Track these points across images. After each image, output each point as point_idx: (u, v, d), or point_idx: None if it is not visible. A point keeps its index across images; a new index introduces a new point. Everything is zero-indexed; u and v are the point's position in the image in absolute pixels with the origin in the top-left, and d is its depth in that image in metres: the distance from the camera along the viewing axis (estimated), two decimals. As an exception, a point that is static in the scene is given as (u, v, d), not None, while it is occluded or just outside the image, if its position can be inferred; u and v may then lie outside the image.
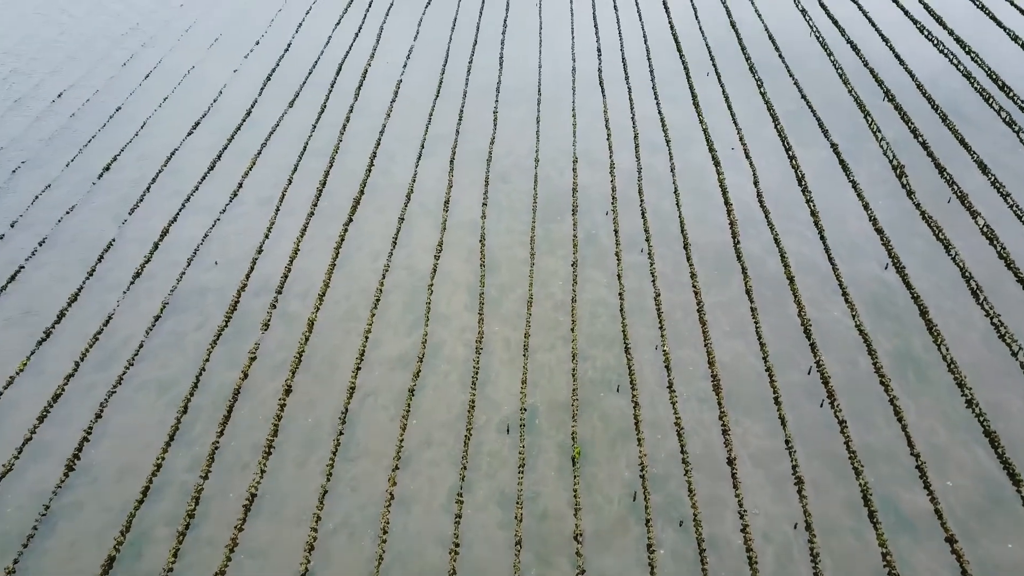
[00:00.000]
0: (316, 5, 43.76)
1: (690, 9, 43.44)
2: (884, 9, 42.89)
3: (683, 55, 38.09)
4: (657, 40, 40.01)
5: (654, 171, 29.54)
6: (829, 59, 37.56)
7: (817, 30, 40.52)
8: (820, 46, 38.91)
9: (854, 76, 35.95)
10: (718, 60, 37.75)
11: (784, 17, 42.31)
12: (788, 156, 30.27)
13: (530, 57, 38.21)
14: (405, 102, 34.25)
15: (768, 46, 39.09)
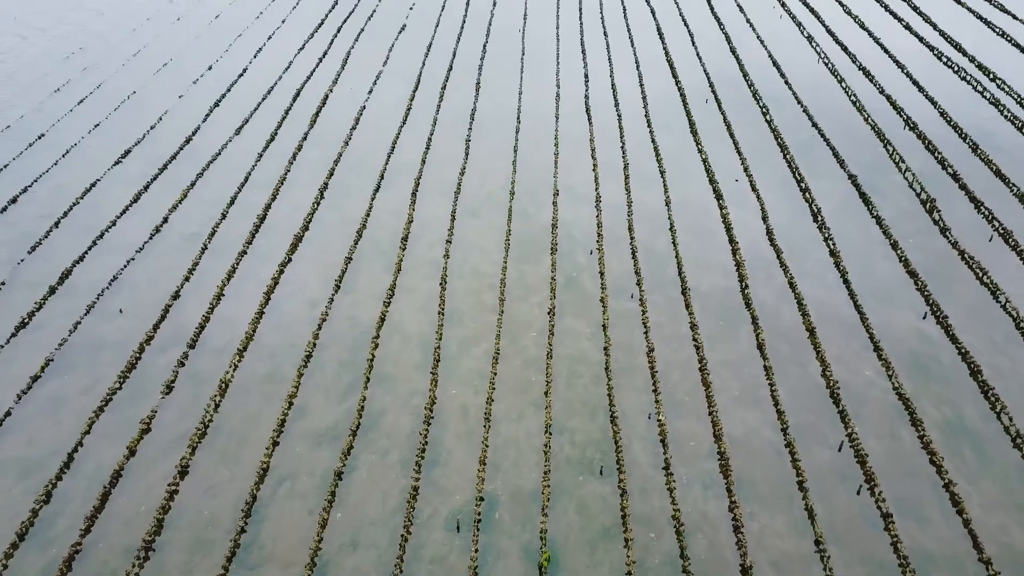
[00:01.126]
0: (280, 30, 40.89)
1: (686, 35, 40.60)
2: (896, 35, 40.07)
3: (679, 81, 34.98)
4: (650, 66, 37.00)
5: (646, 206, 26.00)
6: (840, 86, 34.46)
7: (826, 56, 37.56)
8: (830, 73, 35.86)
9: (870, 104, 32.78)
10: (718, 87, 34.63)
11: (789, 44, 39.43)
12: (801, 188, 26.78)
13: (510, 83, 35.09)
14: (367, 130, 30.90)
15: (772, 72, 36.04)
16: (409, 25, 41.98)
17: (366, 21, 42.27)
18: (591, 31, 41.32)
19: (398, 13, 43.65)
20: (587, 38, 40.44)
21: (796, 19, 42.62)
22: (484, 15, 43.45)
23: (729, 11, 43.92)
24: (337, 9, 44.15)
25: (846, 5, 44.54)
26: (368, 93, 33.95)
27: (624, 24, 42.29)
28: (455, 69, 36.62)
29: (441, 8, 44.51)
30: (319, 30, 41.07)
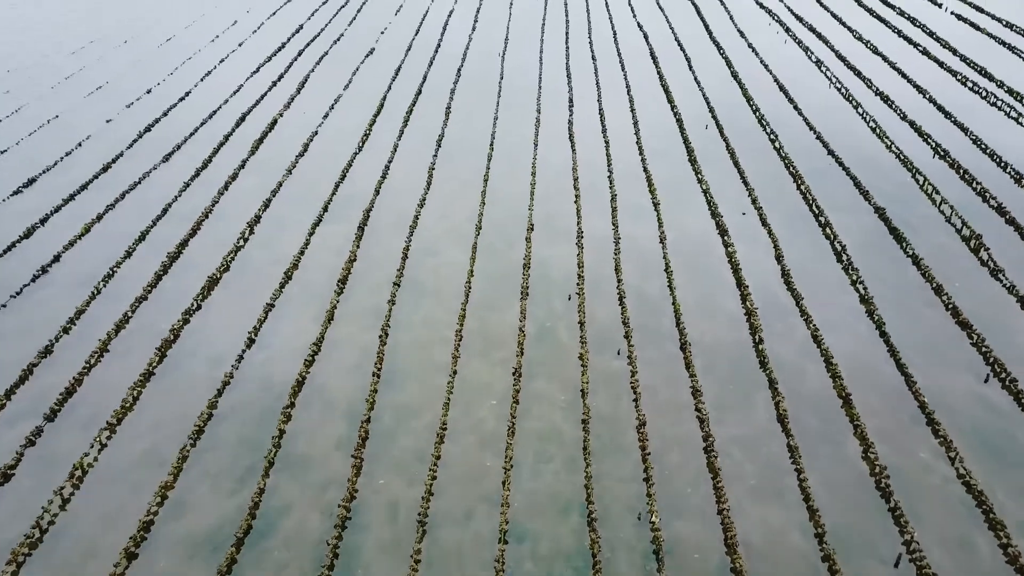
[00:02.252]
0: (234, 53, 37.57)
1: (682, 59, 37.33)
2: (913, 60, 36.82)
3: (675, 105, 31.50)
4: (642, 90, 33.58)
5: (637, 242, 22.12)
6: (856, 111, 30.97)
7: (837, 80, 34.19)
8: (843, 98, 32.41)
9: (892, 131, 29.22)
10: (719, 112, 31.13)
11: (795, 69, 36.13)
12: (819, 222, 22.94)
13: (484, 108, 31.57)
14: (316, 157, 27.18)
15: (779, 97, 32.60)
16: (378, 49, 38.73)
17: (331, 44, 39.05)
18: (578, 55, 38.08)
19: (367, 37, 40.50)
20: (573, 62, 37.17)
21: (802, 44, 39.49)
22: (461, 39, 40.31)
23: (728, 35, 40.84)
24: (301, 32, 41.01)
25: (855, 30, 41.51)
26: (323, 118, 30.36)
27: (614, 49, 39.11)
28: (424, 94, 33.14)
29: (415, 32, 41.40)
30: (278, 54, 37.78)
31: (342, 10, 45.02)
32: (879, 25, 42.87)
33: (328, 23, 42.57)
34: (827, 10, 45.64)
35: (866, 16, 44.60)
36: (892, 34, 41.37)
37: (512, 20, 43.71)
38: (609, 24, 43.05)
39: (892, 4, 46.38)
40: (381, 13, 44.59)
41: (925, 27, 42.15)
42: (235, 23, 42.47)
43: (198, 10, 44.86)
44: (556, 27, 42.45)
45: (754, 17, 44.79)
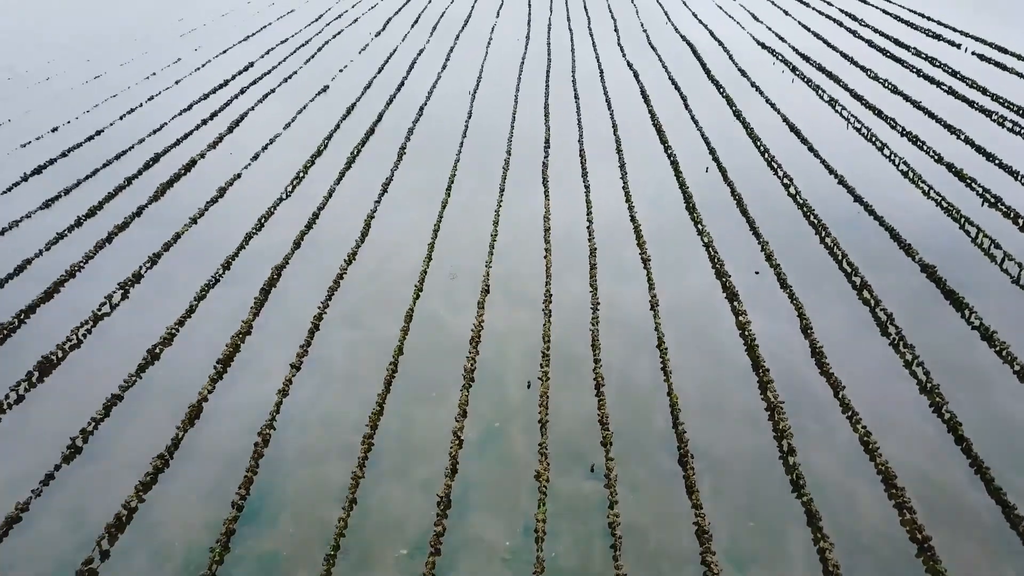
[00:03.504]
0: (170, 90, 33.40)
1: (676, 98, 33.23)
2: (940, 100, 32.75)
3: (668, 145, 27.16)
4: (630, 129, 29.32)
5: (622, 309, 17.33)
6: (882, 153, 26.64)
7: (856, 120, 29.98)
8: (866, 139, 28.13)
9: (928, 174, 24.81)
10: (721, 152, 26.77)
11: (807, 108, 32.07)
12: (854, 284, 18.21)
13: (444, 150, 27.21)
14: (232, 204, 22.62)
15: (790, 138, 28.35)
16: (333, 87, 34.64)
17: (280, 82, 34.96)
18: (558, 94, 33.98)
19: (322, 75, 36.48)
20: (553, 100, 33.03)
21: (811, 82, 35.52)
22: (428, 77, 36.32)
23: (728, 74, 36.93)
24: (251, 70, 37.02)
25: (870, 70, 37.65)
26: (252, 159, 25.88)
27: (600, 87, 35.09)
28: (376, 134, 28.80)
29: (377, 69, 37.42)
30: (217, 91, 33.61)
31: (301, 49, 41.27)
32: (895, 65, 39.11)
33: (282, 61, 38.68)
34: (836, 50, 41.99)
35: (879, 56, 40.93)
36: (911, 74, 37.52)
37: (487, 59, 39.91)
38: (596, 63, 39.22)
39: (907, 45, 42.80)
40: (343, 51, 40.84)
41: (947, 67, 38.36)
42: (178, 60, 38.56)
43: (139, 48, 41.05)
44: (536, 66, 38.56)
45: (755, 56, 41.08)
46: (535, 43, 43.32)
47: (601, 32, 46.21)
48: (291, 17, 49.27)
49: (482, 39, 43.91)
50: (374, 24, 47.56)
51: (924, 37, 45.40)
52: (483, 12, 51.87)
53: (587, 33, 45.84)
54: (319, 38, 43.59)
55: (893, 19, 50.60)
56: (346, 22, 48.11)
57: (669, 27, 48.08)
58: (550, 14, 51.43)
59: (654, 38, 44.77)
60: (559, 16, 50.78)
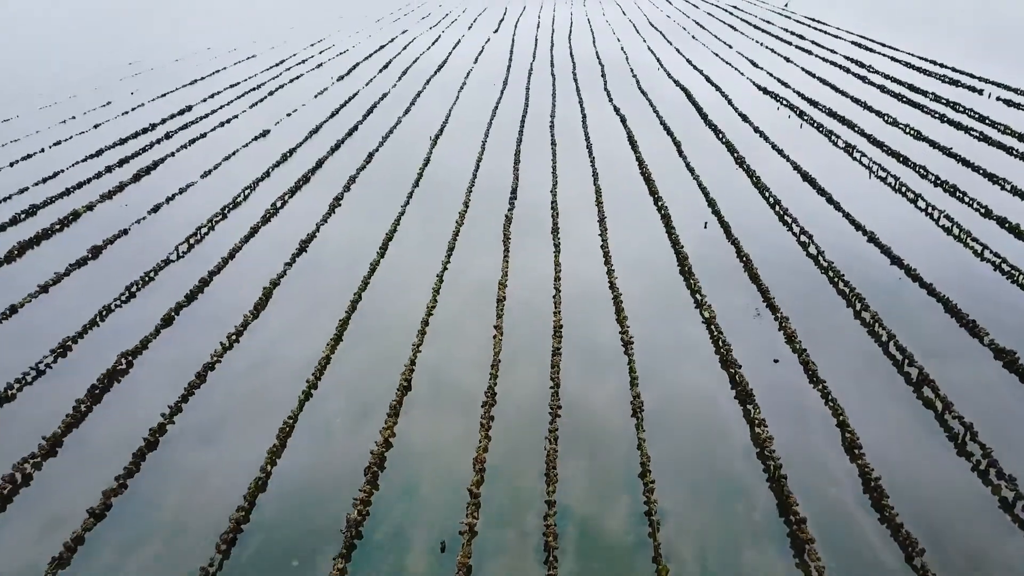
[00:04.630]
0: (88, 135, 29.18)
1: (668, 143, 29.06)
2: (971, 146, 28.61)
3: (659, 197, 22.78)
4: (615, 178, 25.07)
5: (591, 414, 12.58)
6: (916, 206, 22.25)
7: (881, 168, 25.71)
8: (896, 191, 23.82)
9: (977, 231, 20.37)
10: (722, 204, 22.42)
11: (820, 154, 27.90)
12: (909, 378, 13.46)
13: (390, 198, 22.80)
14: (109, 266, 17.97)
15: (805, 188, 24.06)
16: (275, 131, 30.47)
17: (215, 127, 30.81)
18: (533, 140, 29.79)
19: (265, 118, 32.37)
20: (527, 147, 28.80)
21: (822, 128, 31.44)
22: (387, 121, 32.18)
23: (728, 119, 32.91)
24: (187, 114, 32.94)
25: (886, 115, 33.67)
26: (150, 211, 21.39)
27: (582, 132, 30.95)
28: (311, 182, 24.42)
29: (330, 114, 33.35)
30: (139, 136, 29.39)
31: (250, 92, 37.35)
32: (914, 110, 35.22)
33: (224, 105, 34.67)
34: (846, 95, 38.21)
35: (894, 101, 37.11)
36: (933, 119, 33.56)
37: (457, 103, 35.97)
38: (579, 107, 35.27)
39: (923, 90, 39.06)
40: (297, 95, 36.92)
41: (972, 111, 34.45)
42: (107, 103, 34.52)
43: (69, 91, 37.13)
44: (511, 111, 34.57)
45: (757, 101, 37.25)
46: (513, 88, 39.52)
47: (587, 77, 42.55)
48: (250, 62, 45.71)
49: (455, 84, 40.14)
50: (338, 69, 43.92)
51: (940, 83, 41.79)
52: (460, 58, 48.42)
53: (571, 78, 42.17)
54: (274, 82, 39.81)
55: (904, 66, 47.18)
56: (308, 67, 44.49)
57: (661, 72, 44.49)
58: (532, 60, 47.96)
59: (645, 83, 41.05)
60: (542, 62, 47.29)
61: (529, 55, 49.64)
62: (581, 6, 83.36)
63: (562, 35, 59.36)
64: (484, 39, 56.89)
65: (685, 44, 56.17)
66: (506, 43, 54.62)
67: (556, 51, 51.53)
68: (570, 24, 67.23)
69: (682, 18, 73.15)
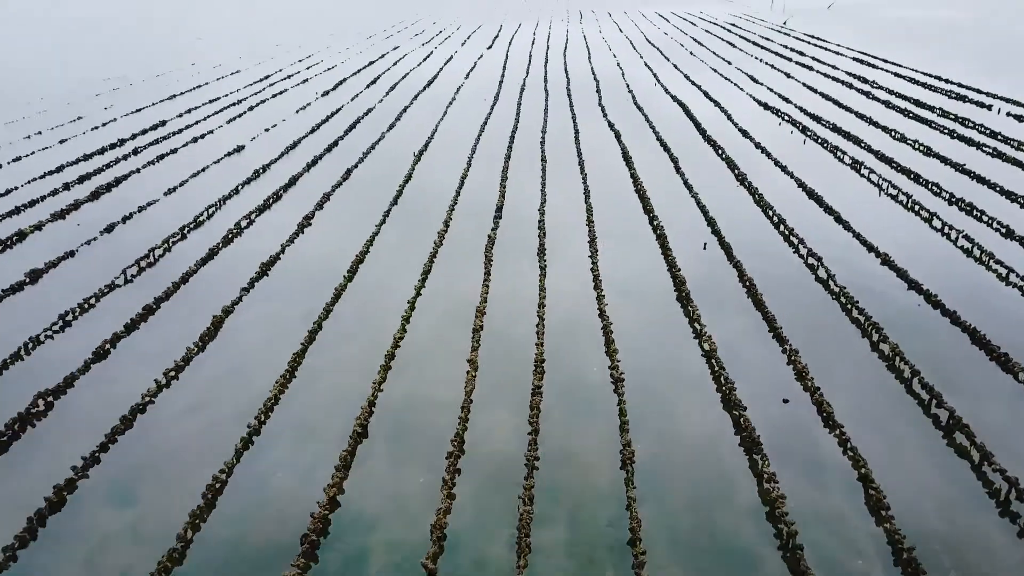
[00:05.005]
0: (52, 150, 27.66)
1: (666, 160, 27.54)
2: (986, 163, 27.12)
3: (655, 216, 21.21)
4: (606, 196, 23.53)
5: (575, 469, 10.87)
6: (931, 226, 20.69)
7: (892, 186, 24.20)
8: (905, 208, 22.28)
9: (1007, 255, 18.78)
10: (723, 224, 20.89)
11: (825, 171, 26.43)
12: (944, 426, 11.79)
13: (367, 214, 21.18)
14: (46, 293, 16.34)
15: (811, 206, 22.54)
16: (251, 147, 28.96)
17: (188, 142, 29.31)
18: (523, 155, 28.28)
19: (241, 133, 30.88)
20: (515, 163, 27.29)
21: (826, 143, 29.95)
22: (370, 136, 30.70)
23: (727, 133, 31.44)
24: (160, 129, 31.45)
25: (894, 131, 32.22)
26: (102, 231, 19.76)
27: (574, 148, 29.45)
28: (283, 199, 22.85)
29: (310, 129, 31.87)
30: (105, 151, 27.86)
31: (229, 108, 35.93)
32: (922, 126, 33.77)
33: (200, 120, 33.21)
34: (850, 111, 36.80)
35: (900, 117, 35.68)
36: (943, 135, 32.09)
37: (445, 119, 34.54)
38: (571, 123, 33.81)
39: (930, 106, 37.66)
40: (277, 111, 35.48)
41: (983, 127, 33.01)
42: (78, 119, 33.03)
43: (40, 105, 35.66)
44: (500, 126, 33.10)
45: (758, 116, 35.85)
46: (504, 104, 38.11)
47: (581, 93, 41.19)
48: (234, 78, 44.37)
49: (444, 99, 38.74)
50: (324, 84, 42.57)
51: (947, 98, 40.43)
52: (451, 74, 47.12)
53: (565, 93, 40.80)
54: (255, 97, 38.40)
55: (908, 81, 45.86)
56: (294, 82, 43.14)
57: (658, 88, 43.15)
58: (526, 75, 46.65)
59: (641, 99, 39.68)
60: (536, 78, 45.97)
61: (522, 71, 48.34)
62: (577, 24, 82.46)
63: (557, 52, 58.20)
64: (477, 55, 55.68)
65: (682, 60, 54.92)
66: (499, 59, 53.39)
67: (550, 67, 50.25)
68: (565, 41, 66.14)
69: (679, 35, 72.13)
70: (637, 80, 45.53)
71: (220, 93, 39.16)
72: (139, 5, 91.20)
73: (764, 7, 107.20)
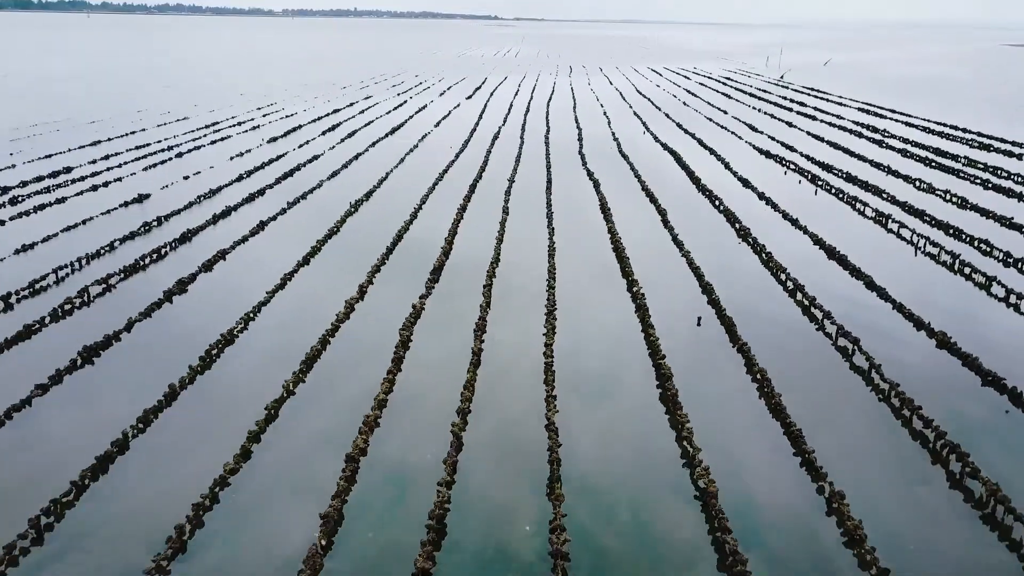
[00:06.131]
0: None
1: (652, 212, 23.16)
2: (1039, 215, 22.81)
3: (634, 280, 16.66)
4: (576, 257, 19.02)
5: None
6: (990, 294, 16.09)
7: (932, 243, 19.76)
8: (950, 270, 17.75)
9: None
10: (722, 293, 16.25)
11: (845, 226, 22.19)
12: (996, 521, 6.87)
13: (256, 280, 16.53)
14: None
15: (836, 271, 18.11)
16: (158, 196, 24.50)
17: (87, 189, 24.87)
18: (481, 207, 23.81)
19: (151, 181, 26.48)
20: (470, 215, 22.80)
21: (842, 195, 25.65)
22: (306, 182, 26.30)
23: (725, 183, 27.15)
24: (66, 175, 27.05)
25: (921, 181, 27.99)
26: None
27: (544, 199, 25.04)
28: (172, 257, 18.18)
29: (237, 177, 27.47)
30: (-18, 200, 23.34)
31: (157, 154, 31.65)
32: (949, 176, 29.61)
33: (115, 167, 28.87)
34: (864, 160, 32.68)
35: (921, 167, 31.57)
36: (976, 186, 27.89)
37: (401, 167, 30.25)
38: (545, 172, 29.52)
39: (953, 154, 33.61)
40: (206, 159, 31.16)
41: (1019, 176, 28.82)
42: None
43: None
44: (462, 175, 28.72)
45: (760, 164, 31.76)
46: (472, 151, 33.93)
47: (561, 140, 37.15)
48: (177, 124, 40.29)
49: (404, 147, 34.57)
50: (275, 131, 38.51)
51: (969, 147, 36.46)
52: (420, 123, 43.18)
53: (543, 141, 36.72)
54: (191, 143, 34.20)
55: (921, 131, 42.04)
56: (242, 129, 39.08)
57: (647, 136, 39.17)
58: (502, 123, 42.72)
59: (627, 146, 35.61)
60: (513, 126, 42.03)
61: (499, 119, 44.45)
62: (567, 77, 79.65)
63: (540, 101, 54.66)
64: (454, 105, 52.04)
65: (675, 109, 51.30)
66: (477, 109, 49.66)
67: (531, 116, 46.43)
68: (551, 91, 62.82)
69: (672, 87, 69.02)
70: (624, 128, 41.61)
71: (152, 139, 34.97)
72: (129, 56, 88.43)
73: (759, 65, 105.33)
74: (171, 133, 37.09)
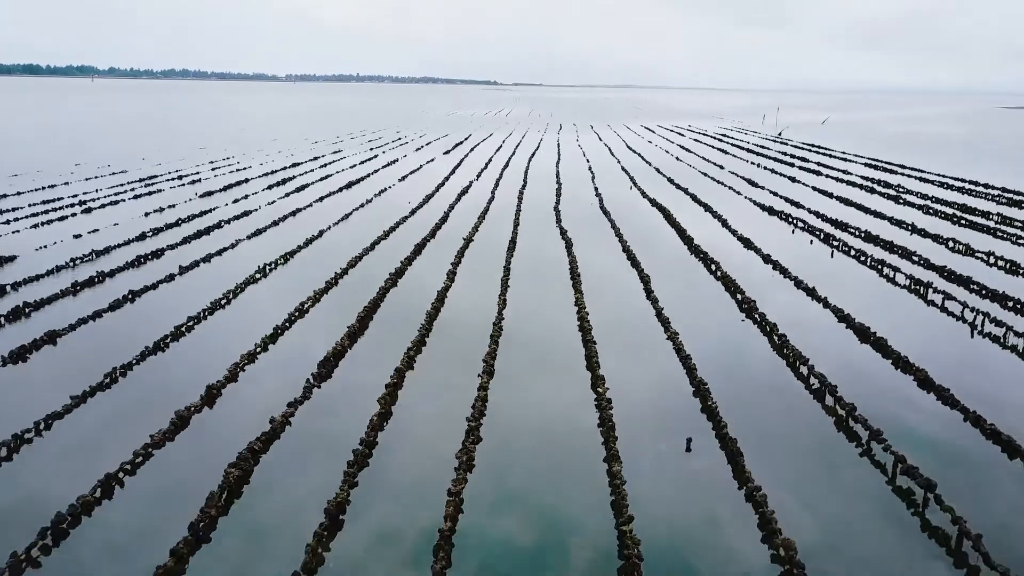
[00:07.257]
0: None
1: (632, 277, 18.87)
2: None
3: (595, 365, 12.16)
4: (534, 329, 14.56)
5: None
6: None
7: (987, 317, 15.39)
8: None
9: None
10: (711, 379, 11.71)
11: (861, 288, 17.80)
12: None
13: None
14: None
15: (851, 340, 13.51)
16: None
17: None
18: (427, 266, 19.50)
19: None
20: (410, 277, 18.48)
21: (865, 256, 21.47)
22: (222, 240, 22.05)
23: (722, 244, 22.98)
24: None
25: (954, 240, 23.89)
26: None
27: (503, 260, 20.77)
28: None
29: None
30: None
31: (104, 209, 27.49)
32: (986, 236, 25.50)
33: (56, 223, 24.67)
34: (881, 216, 28.65)
35: (947, 224, 27.52)
36: (1016, 247, 23.75)
37: (343, 224, 26.13)
38: (512, 228, 25.35)
39: (982, 211, 29.64)
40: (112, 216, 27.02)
41: (1069, 236, 24.74)
42: None
43: None
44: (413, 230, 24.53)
45: (761, 221, 27.74)
46: (431, 208, 29.84)
47: (536, 195, 33.18)
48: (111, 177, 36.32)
49: (352, 204, 30.46)
50: (213, 185, 34.52)
51: (996, 204, 32.55)
52: (383, 178, 39.27)
53: (516, 196, 32.72)
54: (109, 198, 30.10)
55: (939, 186, 38.26)
56: (179, 183, 35.09)
57: (634, 192, 35.26)
58: (475, 179, 38.83)
59: (609, 202, 31.60)
60: (487, 181, 38.11)
61: (472, 174, 40.63)
62: (555, 133, 76.64)
63: (523, 156, 51.08)
64: (426, 159, 48.38)
65: (666, 163, 47.70)
66: (451, 164, 45.96)
67: (509, 171, 42.65)
68: (536, 147, 59.42)
69: (664, 143, 65.80)
70: (609, 183, 37.77)
71: (66, 194, 30.91)
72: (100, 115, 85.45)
73: (755, 123, 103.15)
74: (95, 187, 33.05)
